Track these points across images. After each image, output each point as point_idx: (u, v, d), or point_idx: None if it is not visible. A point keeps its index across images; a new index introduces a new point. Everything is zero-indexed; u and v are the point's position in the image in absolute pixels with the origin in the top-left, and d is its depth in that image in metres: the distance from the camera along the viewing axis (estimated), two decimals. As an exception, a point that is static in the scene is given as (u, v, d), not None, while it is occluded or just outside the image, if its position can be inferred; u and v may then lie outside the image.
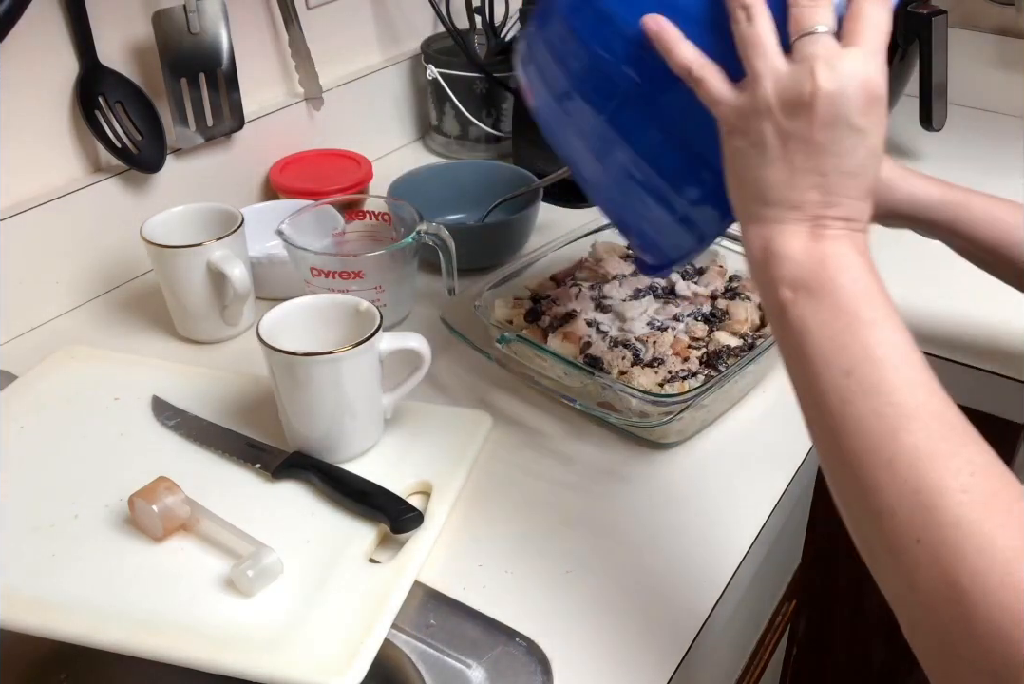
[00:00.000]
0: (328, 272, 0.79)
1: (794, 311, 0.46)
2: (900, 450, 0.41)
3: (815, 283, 0.46)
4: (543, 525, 0.65)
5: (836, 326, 0.45)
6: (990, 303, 0.87)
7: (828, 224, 0.47)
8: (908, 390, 0.43)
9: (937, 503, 0.40)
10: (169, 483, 0.62)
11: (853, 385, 0.43)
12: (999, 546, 0.39)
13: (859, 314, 0.45)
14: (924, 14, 1.04)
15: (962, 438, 0.42)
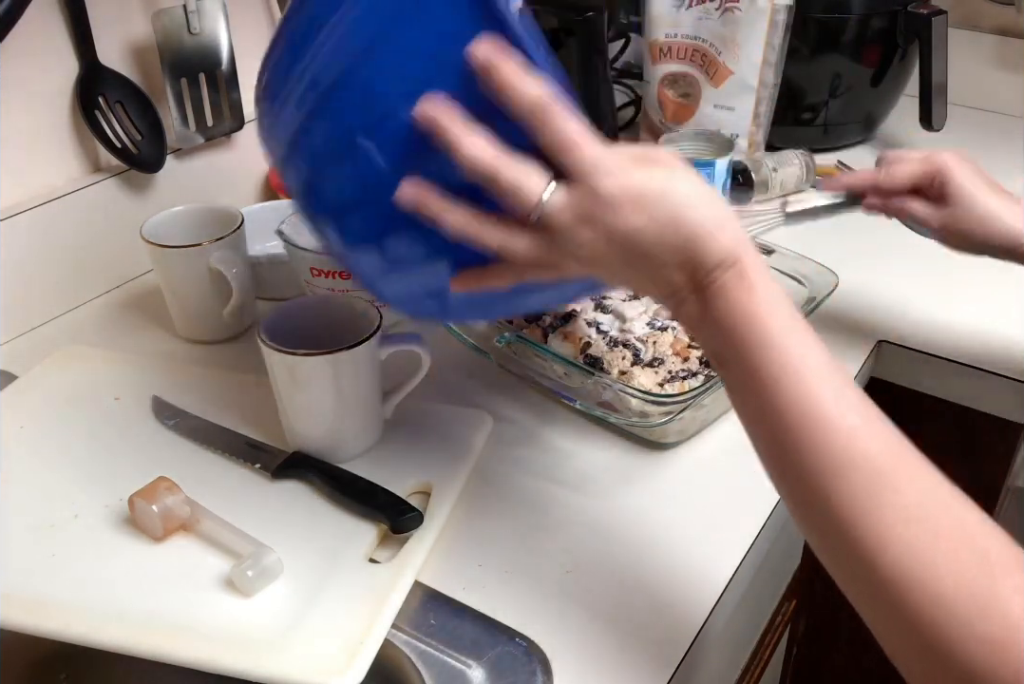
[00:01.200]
0: (328, 272, 0.79)
1: (726, 387, 0.48)
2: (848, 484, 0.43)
3: (721, 355, 0.47)
4: (543, 525, 0.65)
5: (755, 392, 0.45)
6: (990, 303, 0.87)
7: (704, 284, 0.46)
8: (830, 401, 0.44)
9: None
10: (169, 483, 0.62)
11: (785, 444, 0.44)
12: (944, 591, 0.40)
13: (767, 370, 0.45)
14: (924, 14, 1.04)
15: (844, 377, 0.45)
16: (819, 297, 0.76)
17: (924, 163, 0.71)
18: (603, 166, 0.45)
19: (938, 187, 0.71)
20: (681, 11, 1.05)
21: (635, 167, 0.46)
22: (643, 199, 0.45)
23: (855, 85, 1.11)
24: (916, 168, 0.71)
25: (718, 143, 0.95)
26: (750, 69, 1.02)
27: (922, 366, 0.83)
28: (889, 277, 0.89)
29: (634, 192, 0.45)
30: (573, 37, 0.98)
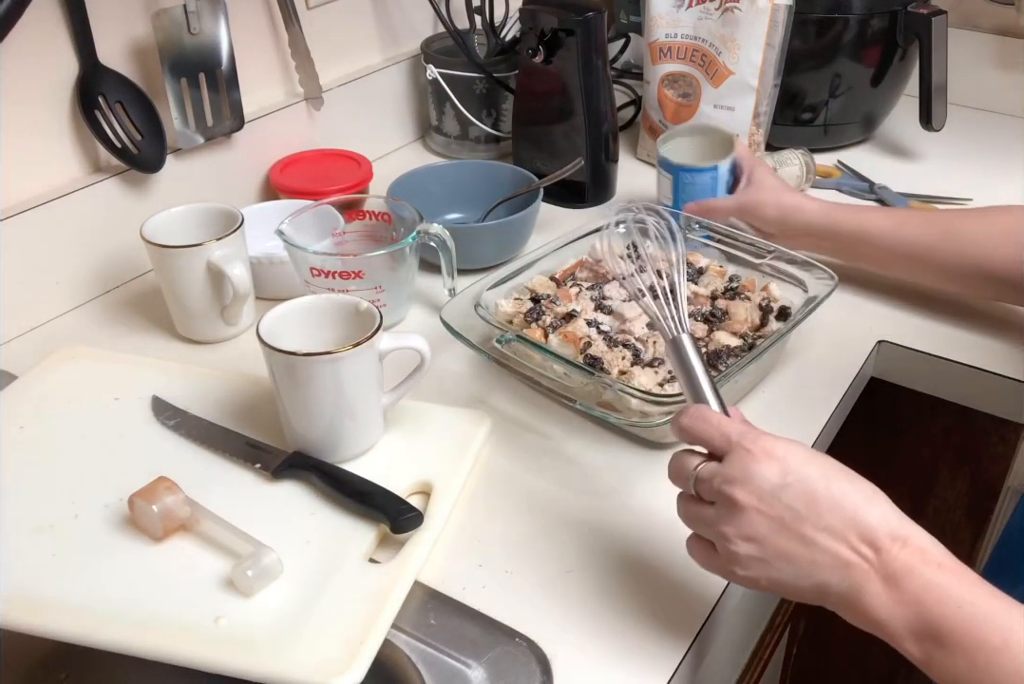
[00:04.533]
0: (328, 272, 0.79)
1: (933, 667, 0.46)
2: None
3: (929, 629, 0.46)
4: (543, 525, 0.65)
5: (978, 666, 0.44)
6: (990, 303, 0.87)
7: (894, 567, 0.46)
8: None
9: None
10: (169, 483, 0.62)
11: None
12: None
13: (988, 641, 0.44)
14: (924, 14, 1.04)
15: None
16: (819, 297, 0.76)
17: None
18: (751, 434, 0.50)
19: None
20: (681, 11, 1.05)
21: (783, 440, 0.50)
22: (789, 460, 0.49)
23: (855, 85, 1.11)
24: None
25: (717, 140, 0.94)
26: (750, 69, 1.02)
27: (922, 366, 0.83)
28: (889, 277, 0.89)
29: (781, 453, 0.49)
30: (573, 37, 0.98)
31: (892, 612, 0.46)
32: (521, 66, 1.05)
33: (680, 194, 0.92)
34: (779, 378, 0.79)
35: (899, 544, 0.47)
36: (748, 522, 0.49)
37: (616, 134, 1.06)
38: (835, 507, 0.48)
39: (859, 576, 0.47)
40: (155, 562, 0.60)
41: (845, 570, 0.47)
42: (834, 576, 0.48)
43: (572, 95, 1.01)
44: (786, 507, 0.48)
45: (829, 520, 0.48)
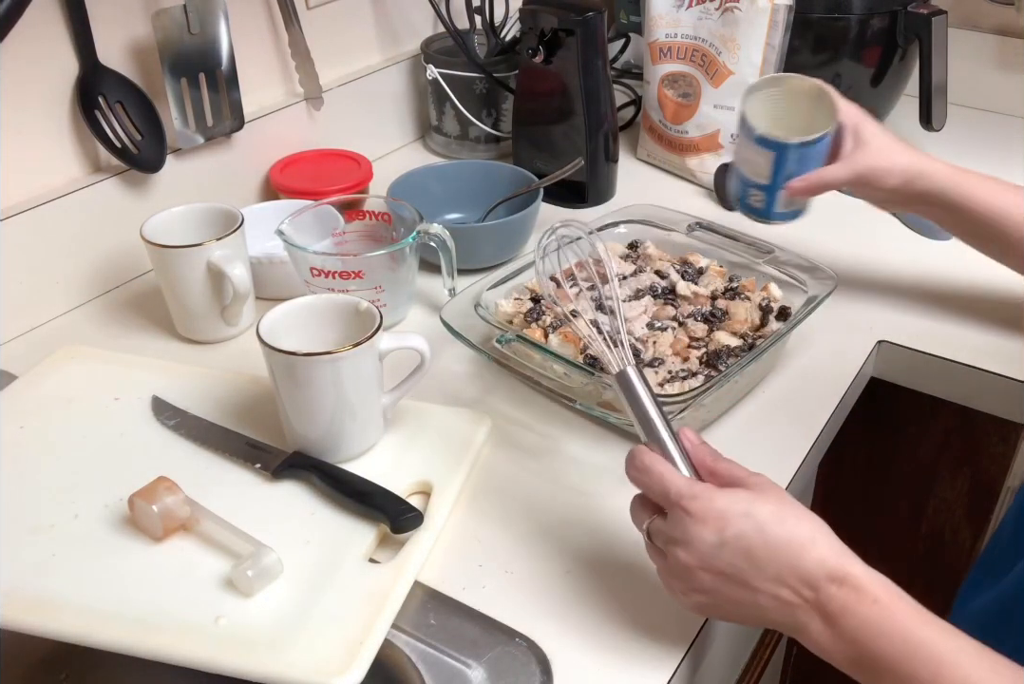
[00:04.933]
0: (328, 272, 0.79)
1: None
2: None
3: (864, 663, 0.48)
4: (543, 525, 0.65)
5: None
6: (990, 303, 0.87)
7: (830, 605, 0.49)
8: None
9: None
10: (169, 483, 0.62)
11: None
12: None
13: (917, 675, 0.46)
14: (924, 14, 1.04)
15: (991, 653, 0.46)
16: (819, 297, 0.76)
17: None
18: (688, 493, 0.52)
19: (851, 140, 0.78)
20: (681, 11, 1.05)
21: (720, 492, 0.52)
22: (725, 518, 0.50)
23: (855, 85, 1.11)
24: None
25: (801, 91, 0.80)
26: (750, 69, 1.02)
27: (922, 366, 0.83)
28: (889, 277, 0.89)
29: (716, 512, 0.51)
30: (573, 37, 0.98)
31: (833, 647, 0.49)
32: (521, 66, 1.05)
33: (784, 170, 0.78)
34: (779, 378, 0.79)
35: (835, 585, 0.48)
36: (695, 578, 0.52)
37: (616, 134, 1.06)
38: (773, 557, 0.50)
39: (802, 615, 0.49)
40: (155, 562, 0.60)
41: (789, 610, 0.50)
42: (780, 616, 0.50)
43: (572, 95, 1.01)
44: (727, 564, 0.51)
45: (769, 570, 0.50)
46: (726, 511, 0.51)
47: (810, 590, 0.49)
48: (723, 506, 0.51)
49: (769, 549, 0.50)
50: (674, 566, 0.53)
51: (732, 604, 0.52)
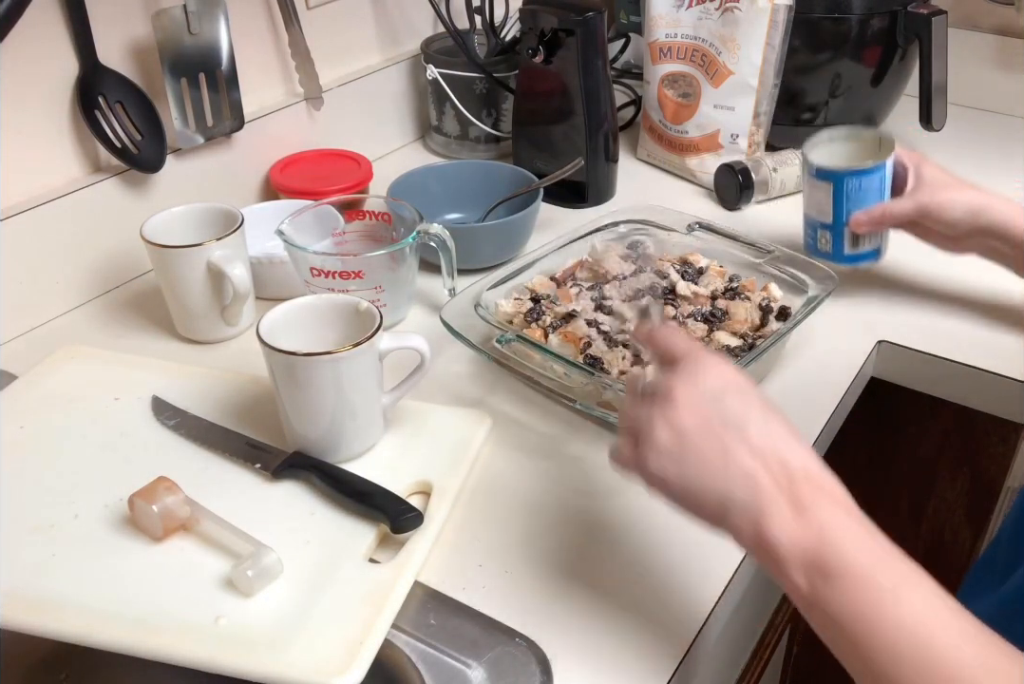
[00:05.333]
0: (328, 272, 0.79)
1: (818, 601, 0.45)
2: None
3: (823, 562, 0.45)
4: (543, 525, 0.65)
5: (860, 603, 0.44)
6: (990, 303, 0.87)
7: (801, 498, 0.46)
8: (953, 652, 0.42)
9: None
10: (169, 483, 0.62)
11: (896, 658, 0.43)
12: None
13: (878, 584, 0.44)
14: (924, 14, 1.04)
15: (1004, 672, 0.42)
16: (819, 297, 0.76)
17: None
18: (704, 348, 0.53)
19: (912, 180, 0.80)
20: (681, 11, 1.05)
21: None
22: (735, 374, 0.51)
23: (855, 85, 1.11)
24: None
25: (866, 142, 0.84)
26: (750, 69, 1.02)
27: (922, 366, 0.83)
28: (889, 277, 0.89)
29: (728, 367, 0.52)
30: (573, 37, 0.98)
31: (791, 537, 0.46)
32: (521, 66, 1.05)
33: (845, 204, 0.81)
34: (779, 378, 0.79)
35: (814, 484, 0.47)
36: (677, 413, 0.49)
37: (616, 134, 1.06)
38: (763, 432, 0.48)
39: (766, 496, 0.47)
40: (155, 562, 0.60)
41: (754, 487, 0.47)
42: (742, 490, 0.47)
43: (572, 95, 1.01)
44: (718, 412, 0.49)
45: (754, 439, 0.48)
46: (737, 372, 0.51)
47: (786, 479, 0.47)
48: (735, 368, 0.51)
49: (764, 423, 0.49)
50: (664, 399, 0.50)
51: (696, 459, 0.48)
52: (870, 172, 0.79)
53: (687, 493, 0.49)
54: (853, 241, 0.83)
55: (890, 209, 0.79)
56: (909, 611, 0.43)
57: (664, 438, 0.49)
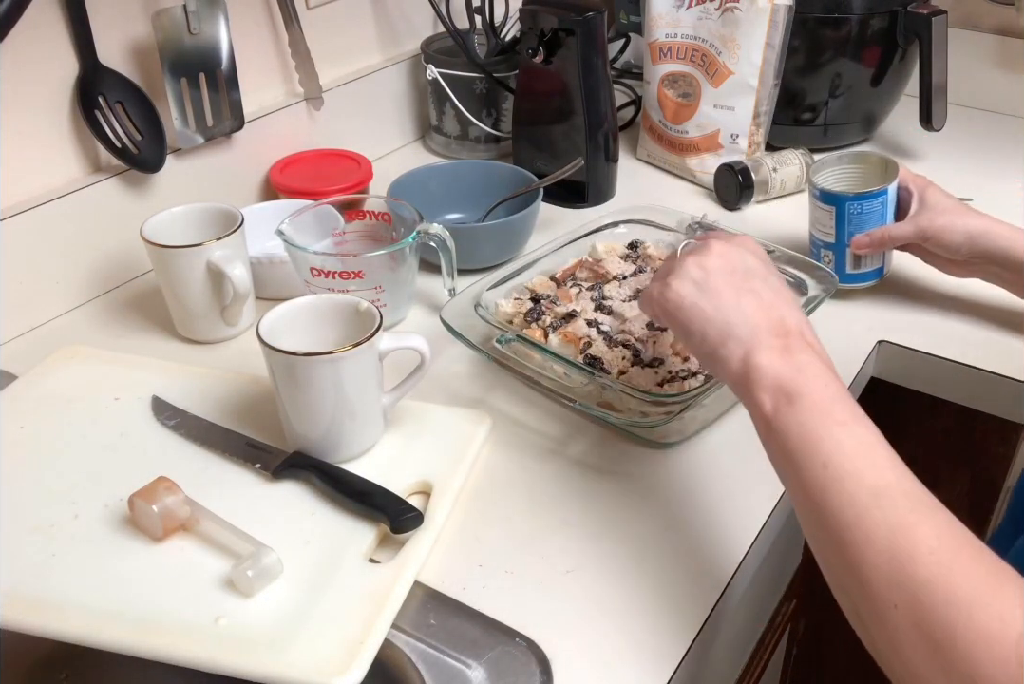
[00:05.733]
0: (328, 272, 0.79)
1: (777, 417, 0.52)
2: (873, 525, 0.46)
3: (792, 388, 0.52)
4: (543, 525, 0.65)
5: (811, 425, 0.51)
6: (990, 303, 0.87)
7: (791, 344, 0.54)
8: (877, 473, 0.48)
9: (908, 568, 0.44)
10: (169, 483, 0.62)
11: (829, 474, 0.49)
12: (962, 595, 0.42)
13: (832, 414, 0.51)
14: (924, 14, 1.04)
15: (928, 509, 0.47)
16: (819, 297, 0.76)
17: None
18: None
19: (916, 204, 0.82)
20: (681, 11, 1.05)
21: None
22: (765, 253, 0.62)
23: (855, 85, 1.11)
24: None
25: (872, 166, 0.86)
26: (750, 69, 1.02)
27: (922, 366, 0.83)
28: (889, 277, 0.89)
29: (761, 247, 0.62)
30: (573, 37, 0.98)
31: (772, 365, 0.53)
32: (521, 66, 1.05)
33: (847, 226, 0.83)
34: (779, 378, 0.79)
35: (804, 340, 0.54)
36: (709, 257, 0.58)
37: (616, 134, 1.06)
38: (774, 293, 0.57)
39: (762, 335, 0.55)
40: (155, 562, 0.60)
41: (754, 327, 0.55)
42: (743, 327, 0.55)
43: (572, 95, 1.01)
44: (743, 265, 0.58)
45: (765, 294, 0.57)
46: (766, 253, 0.61)
47: (782, 330, 0.55)
48: (764, 251, 0.61)
49: (780, 289, 0.58)
50: (700, 248, 0.60)
51: (714, 292, 0.57)
52: (872, 197, 0.82)
53: (695, 318, 0.57)
54: (855, 261, 0.85)
55: (890, 232, 0.82)
56: (852, 435, 0.50)
57: (693, 271, 0.58)
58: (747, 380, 0.54)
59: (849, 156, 0.87)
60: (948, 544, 0.45)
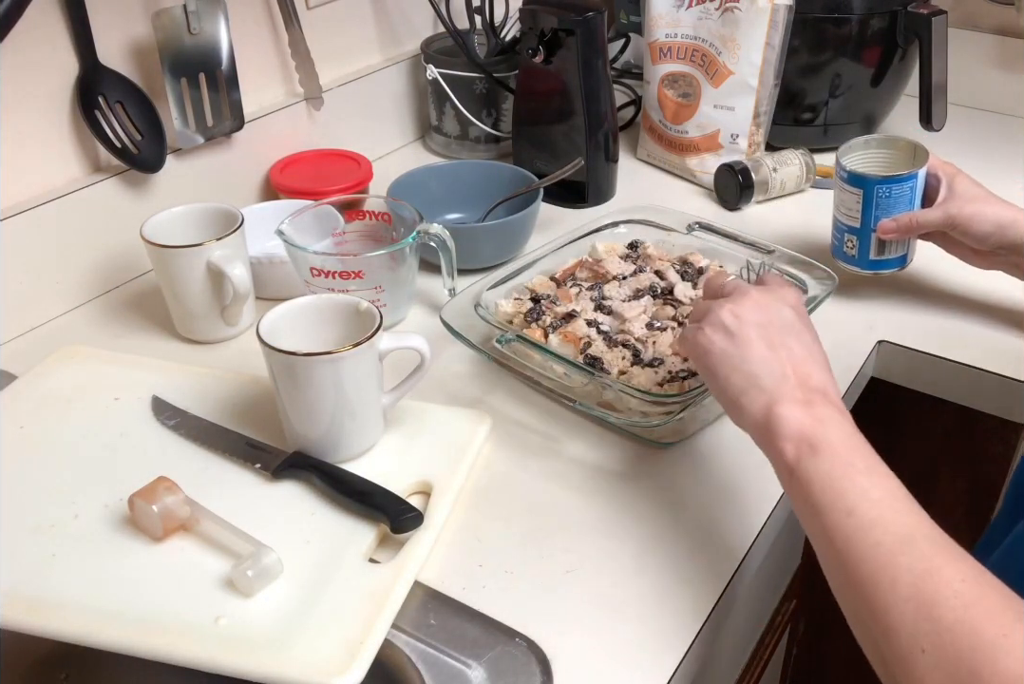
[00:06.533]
0: (328, 272, 0.79)
1: (800, 466, 0.52)
2: (899, 571, 0.46)
3: (815, 438, 0.52)
4: (543, 525, 0.65)
5: (835, 474, 0.51)
6: (990, 303, 0.87)
7: (813, 399, 0.55)
8: (901, 520, 0.49)
9: (935, 613, 0.44)
10: (169, 483, 0.62)
11: (854, 522, 0.49)
12: (987, 639, 0.42)
13: (854, 463, 0.51)
14: (924, 14, 1.04)
15: (951, 553, 0.47)
16: (819, 297, 0.76)
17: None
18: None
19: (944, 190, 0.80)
20: (681, 11, 1.05)
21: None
22: (804, 306, 0.62)
23: (855, 85, 1.11)
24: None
25: (901, 150, 0.84)
26: (750, 69, 1.02)
27: (922, 366, 0.83)
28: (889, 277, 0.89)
29: (800, 298, 0.62)
30: (573, 37, 0.98)
31: (794, 415, 0.54)
32: (521, 66, 1.05)
33: (873, 210, 0.81)
34: (779, 378, 0.79)
35: (827, 399, 0.55)
36: (745, 307, 0.58)
37: (616, 134, 1.06)
38: (806, 351, 0.57)
39: (786, 389, 0.55)
40: (155, 562, 0.60)
41: (779, 380, 0.56)
42: (768, 378, 0.56)
43: (572, 95, 1.01)
44: (780, 319, 0.58)
45: (796, 351, 0.57)
46: (805, 309, 0.61)
47: (806, 386, 0.55)
48: (805, 307, 0.62)
49: (811, 346, 0.58)
50: (738, 295, 0.60)
51: (744, 342, 0.57)
52: (901, 181, 0.80)
53: (723, 364, 0.58)
54: (879, 247, 0.83)
55: (918, 218, 0.80)
56: (875, 484, 0.50)
57: (727, 319, 0.58)
58: (769, 429, 0.54)
59: (877, 140, 0.85)
60: (973, 588, 0.45)
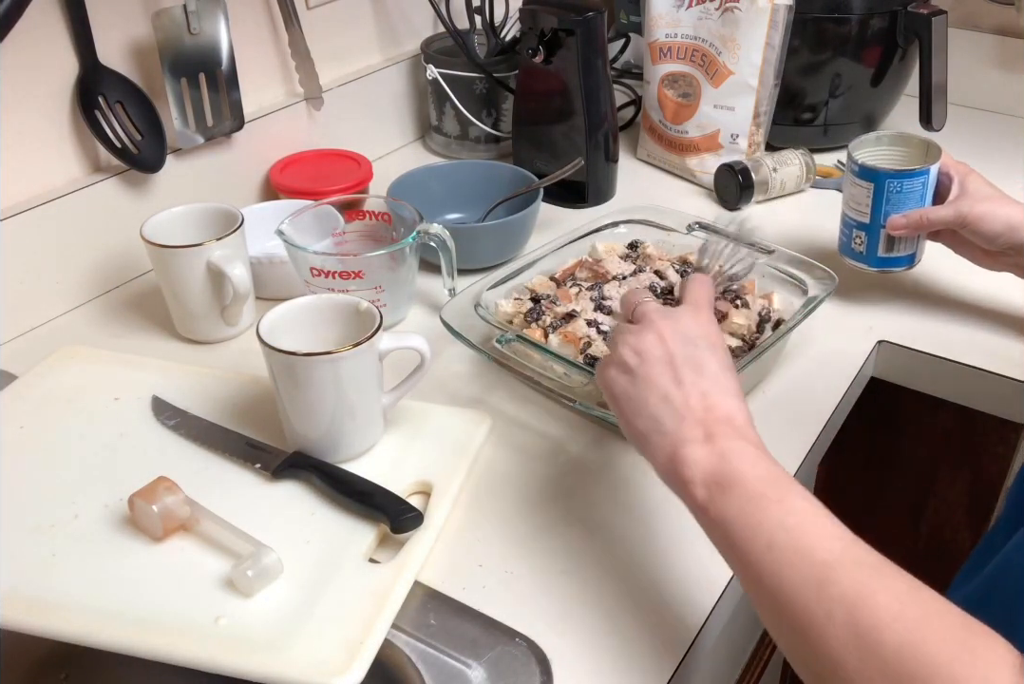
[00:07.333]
0: (328, 272, 0.79)
1: (712, 507, 0.50)
2: (831, 601, 0.44)
3: (721, 476, 0.51)
4: (543, 525, 0.65)
5: (748, 510, 0.49)
6: (990, 302, 0.87)
7: (715, 432, 0.52)
8: (824, 546, 0.46)
9: (878, 639, 0.42)
10: (169, 483, 0.62)
11: (776, 556, 0.47)
12: (940, 662, 0.40)
13: (766, 494, 0.49)
14: (924, 14, 1.04)
15: (883, 575, 0.45)
16: (819, 297, 0.76)
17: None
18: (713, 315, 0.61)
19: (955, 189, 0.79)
20: (681, 11, 1.05)
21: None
22: (715, 335, 0.58)
23: (855, 85, 1.11)
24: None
25: (913, 148, 0.83)
26: (750, 69, 1.02)
27: (922, 366, 0.83)
28: (889, 277, 0.89)
29: (715, 328, 0.59)
30: (573, 37, 0.98)
31: (698, 457, 0.52)
32: (521, 66, 1.05)
33: (883, 205, 0.80)
34: (779, 378, 0.79)
35: (730, 426, 0.53)
36: (646, 340, 0.56)
37: (616, 134, 1.06)
38: (711, 382, 0.55)
39: (688, 427, 0.53)
40: (155, 562, 0.60)
41: (681, 421, 0.53)
42: (671, 420, 0.54)
43: (572, 95, 1.01)
44: (683, 352, 0.56)
45: (703, 384, 0.55)
46: (718, 330, 0.58)
47: (709, 419, 0.53)
48: (717, 327, 0.59)
49: (719, 375, 0.55)
50: (641, 327, 0.58)
51: (646, 382, 0.55)
52: (913, 175, 0.79)
53: (626, 407, 0.56)
54: (888, 244, 0.82)
55: (928, 214, 0.79)
56: (790, 511, 0.48)
57: (627, 357, 0.57)
58: (676, 474, 0.52)
59: (889, 137, 0.84)
60: (912, 608, 0.43)
